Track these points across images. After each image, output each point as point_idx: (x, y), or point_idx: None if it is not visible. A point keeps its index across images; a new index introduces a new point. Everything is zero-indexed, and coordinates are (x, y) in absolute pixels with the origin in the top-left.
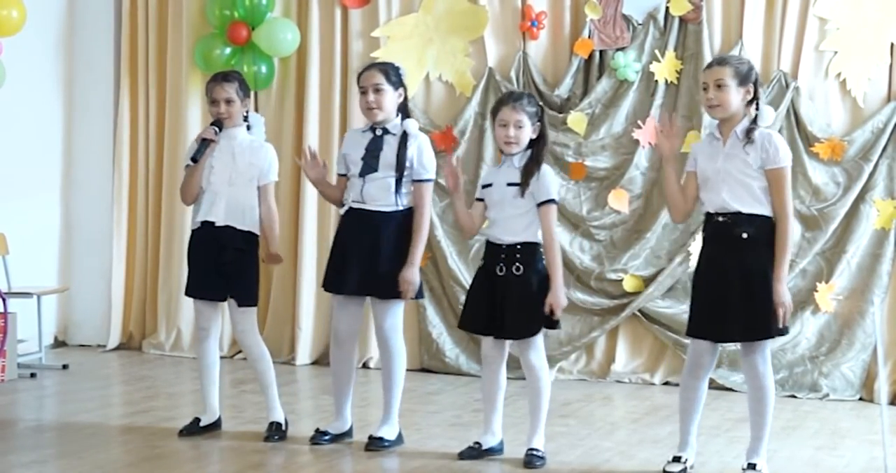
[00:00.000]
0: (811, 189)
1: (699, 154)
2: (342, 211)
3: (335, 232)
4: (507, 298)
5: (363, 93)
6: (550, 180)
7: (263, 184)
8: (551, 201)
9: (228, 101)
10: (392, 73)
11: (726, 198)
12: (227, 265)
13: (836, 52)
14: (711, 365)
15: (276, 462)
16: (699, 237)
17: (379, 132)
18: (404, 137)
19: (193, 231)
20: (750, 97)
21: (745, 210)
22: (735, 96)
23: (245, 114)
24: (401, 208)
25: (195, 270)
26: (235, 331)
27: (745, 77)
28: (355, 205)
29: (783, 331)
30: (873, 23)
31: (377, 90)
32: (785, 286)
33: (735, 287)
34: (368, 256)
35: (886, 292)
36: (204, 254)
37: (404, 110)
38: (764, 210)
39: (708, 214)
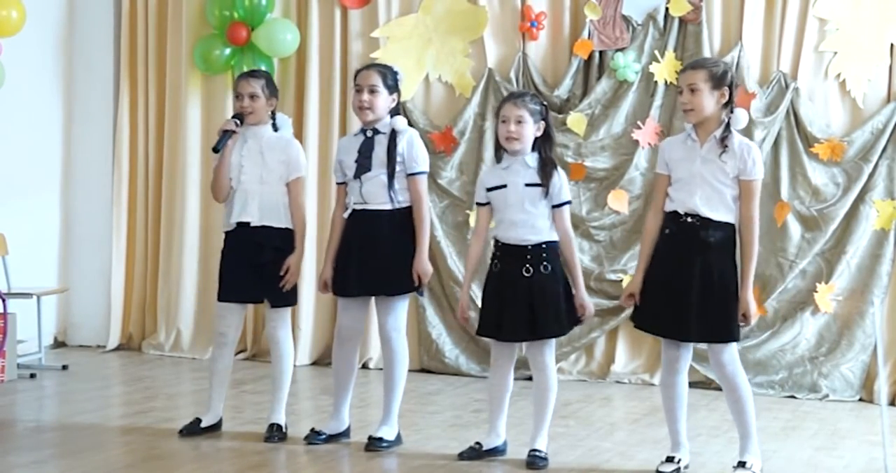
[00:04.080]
0: (811, 189)
1: (673, 155)
2: (346, 214)
3: (341, 236)
4: (539, 298)
5: (358, 91)
6: (566, 182)
7: (291, 180)
8: (569, 203)
9: (252, 96)
10: (390, 77)
11: (698, 203)
12: (265, 265)
13: (835, 53)
14: (686, 361)
15: (275, 463)
16: None
17: (370, 134)
18: (393, 134)
19: (227, 233)
20: (725, 100)
21: (715, 216)
22: (709, 100)
23: (272, 113)
24: (397, 206)
25: (230, 273)
26: (267, 327)
27: (719, 80)
28: (358, 207)
29: (736, 338)
30: (873, 24)
31: (372, 91)
32: (751, 294)
33: (694, 288)
34: (370, 256)
35: (886, 293)
36: (240, 256)
37: (395, 114)
38: (731, 218)
39: (674, 213)
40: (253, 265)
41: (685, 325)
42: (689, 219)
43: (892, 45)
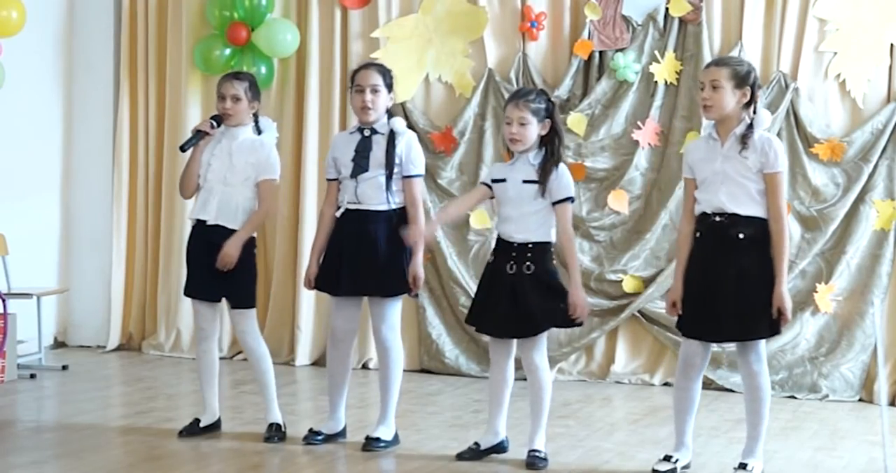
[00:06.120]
0: (811, 190)
1: (695, 157)
2: (338, 213)
3: (331, 233)
4: (520, 296)
5: (359, 91)
6: (568, 178)
7: (259, 182)
8: (569, 199)
9: (235, 98)
10: (387, 76)
11: (724, 200)
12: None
13: (835, 53)
14: (703, 366)
15: (275, 463)
16: None
17: (367, 133)
18: (392, 135)
19: (192, 228)
20: (746, 100)
21: (742, 212)
22: (730, 98)
23: (255, 116)
24: (393, 207)
25: (192, 270)
26: (235, 332)
27: (742, 79)
28: (351, 206)
29: (776, 331)
30: (873, 24)
31: (374, 91)
32: (786, 288)
33: (729, 287)
34: (364, 256)
35: (886, 293)
36: (199, 254)
37: (390, 113)
38: (760, 212)
39: (703, 214)
40: (209, 264)
41: (721, 325)
42: (718, 218)
43: (892, 45)
